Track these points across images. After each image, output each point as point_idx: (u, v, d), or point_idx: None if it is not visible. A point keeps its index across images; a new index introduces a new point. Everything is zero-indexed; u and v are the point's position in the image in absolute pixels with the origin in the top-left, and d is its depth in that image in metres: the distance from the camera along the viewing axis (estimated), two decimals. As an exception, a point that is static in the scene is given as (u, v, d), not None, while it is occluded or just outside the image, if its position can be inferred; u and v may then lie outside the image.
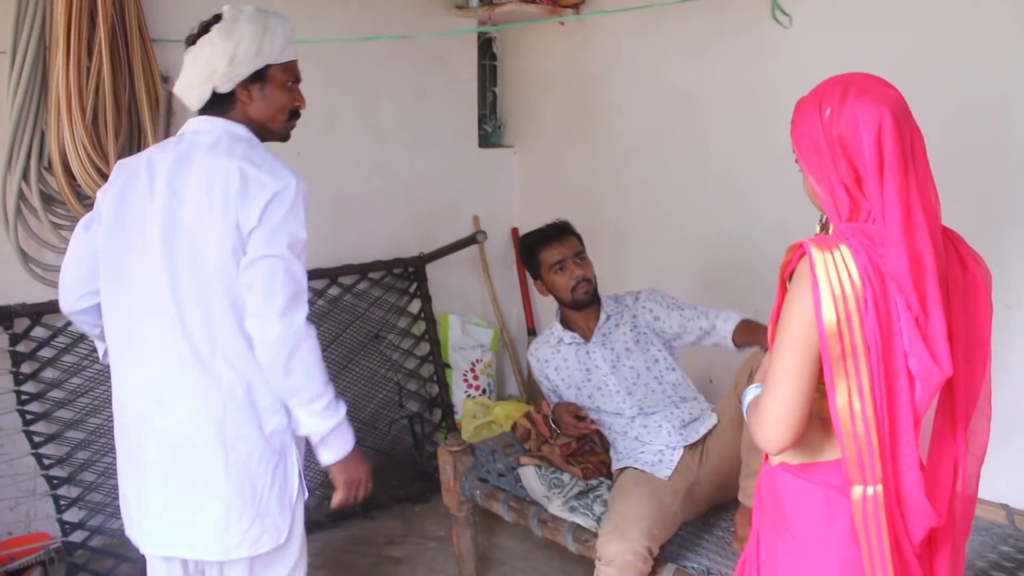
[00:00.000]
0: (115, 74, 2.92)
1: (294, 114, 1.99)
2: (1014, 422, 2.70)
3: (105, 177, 2.91)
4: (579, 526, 2.60)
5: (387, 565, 3.33)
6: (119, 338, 1.91)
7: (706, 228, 3.63)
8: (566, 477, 2.84)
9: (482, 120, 4.46)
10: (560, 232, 2.96)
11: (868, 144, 1.34)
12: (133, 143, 3.05)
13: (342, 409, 1.88)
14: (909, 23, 2.84)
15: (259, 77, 1.88)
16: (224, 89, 1.86)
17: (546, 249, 2.92)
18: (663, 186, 3.78)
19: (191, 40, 1.92)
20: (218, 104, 1.89)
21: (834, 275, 1.33)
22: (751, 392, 1.54)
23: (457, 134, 4.30)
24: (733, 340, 2.72)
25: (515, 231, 4.49)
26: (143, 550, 1.94)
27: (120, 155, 2.96)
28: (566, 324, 2.98)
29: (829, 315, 1.32)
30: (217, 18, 1.90)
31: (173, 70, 3.23)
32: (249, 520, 1.84)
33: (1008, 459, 2.68)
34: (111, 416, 3.11)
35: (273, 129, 1.96)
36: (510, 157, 4.51)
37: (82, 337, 3.11)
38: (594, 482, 2.84)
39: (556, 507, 2.71)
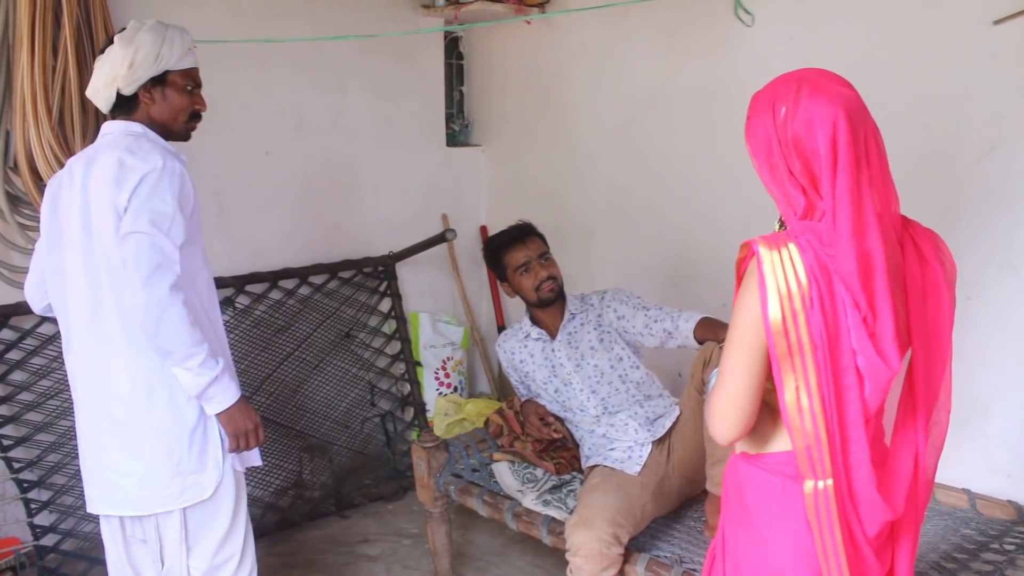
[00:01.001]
0: (81, 74, 2.88)
1: (194, 116, 2.21)
2: (973, 410, 2.77)
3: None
4: (553, 519, 2.63)
5: (362, 563, 3.34)
6: (63, 327, 2.16)
7: (672, 225, 3.68)
8: (539, 472, 2.87)
9: (449, 119, 4.47)
10: (523, 234, 2.99)
11: (823, 145, 1.34)
12: (100, 143, 3.04)
13: (217, 365, 2.02)
14: (868, 20, 2.91)
15: (159, 81, 2.11)
16: (127, 91, 2.09)
17: (510, 252, 2.94)
18: (629, 183, 3.82)
19: (102, 50, 2.14)
20: (124, 106, 2.12)
21: (780, 273, 1.35)
22: (713, 377, 1.58)
23: (425, 133, 4.31)
24: (695, 337, 2.76)
25: (484, 229, 4.51)
26: (88, 509, 2.19)
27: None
28: (534, 320, 3.02)
29: (775, 312, 1.34)
30: (123, 30, 2.13)
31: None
32: (169, 478, 2.06)
33: (969, 446, 2.76)
34: (81, 418, 3.12)
35: (174, 129, 2.18)
36: (478, 156, 4.53)
37: (51, 339, 3.08)
38: (567, 476, 2.88)
39: (530, 501, 2.74)
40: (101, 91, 2.11)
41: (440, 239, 4.07)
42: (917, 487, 1.51)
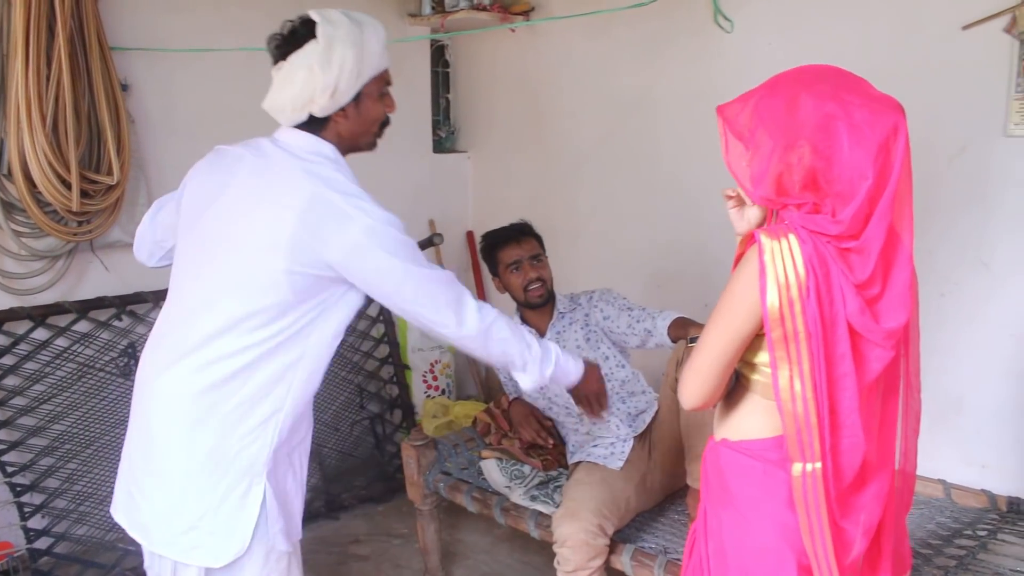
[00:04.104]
0: (74, 82, 2.94)
1: (384, 124, 1.95)
2: (949, 403, 2.85)
3: (66, 184, 2.95)
4: (541, 513, 2.69)
5: (353, 563, 3.38)
6: (162, 314, 1.90)
7: (657, 228, 3.75)
8: (527, 469, 2.93)
9: (436, 126, 4.54)
10: (519, 233, 3.04)
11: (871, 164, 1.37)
12: (93, 151, 3.07)
13: (551, 353, 2.03)
14: (842, 27, 3.00)
15: (355, 97, 1.83)
16: (322, 115, 1.81)
17: (504, 249, 3.01)
18: (614, 188, 3.90)
19: (279, 49, 1.83)
20: (309, 123, 1.83)
21: (779, 263, 1.39)
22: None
23: (412, 140, 4.37)
24: (669, 336, 2.82)
25: (470, 234, 4.57)
26: (111, 511, 1.95)
27: (81, 163, 2.99)
28: (523, 319, 3.08)
29: (772, 300, 1.39)
30: (306, 25, 1.80)
31: (132, 78, 3.30)
32: (184, 527, 1.77)
33: (944, 438, 2.84)
34: (74, 422, 3.16)
35: (362, 144, 1.93)
36: (464, 162, 4.59)
37: (44, 344, 3.12)
38: (554, 473, 2.94)
39: (518, 497, 2.79)
40: (287, 112, 1.82)
41: (427, 244, 4.13)
42: (903, 476, 1.59)
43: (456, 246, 4.54)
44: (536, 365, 1.99)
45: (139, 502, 1.83)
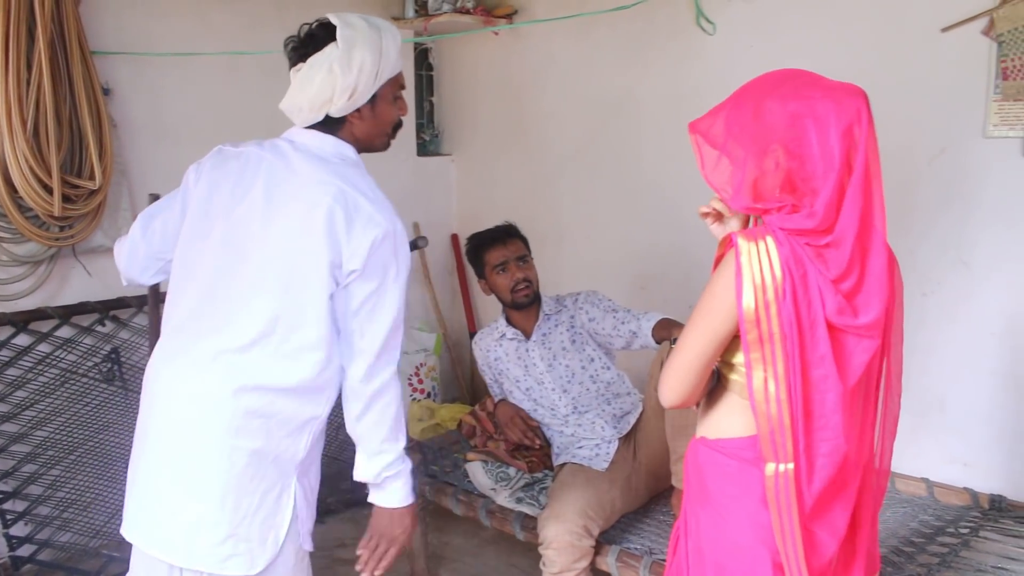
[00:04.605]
0: (55, 87, 2.92)
1: (397, 126, 1.96)
2: (932, 402, 2.88)
3: (48, 189, 2.93)
4: (526, 515, 2.69)
5: (339, 567, 3.36)
6: (168, 320, 1.86)
7: (640, 230, 3.77)
8: (512, 471, 2.93)
9: (420, 129, 4.54)
10: (506, 235, 3.06)
11: (836, 144, 1.39)
12: (75, 155, 3.06)
13: (408, 460, 1.91)
14: (822, 29, 3.02)
15: (370, 99, 1.84)
16: (338, 115, 1.82)
17: (491, 250, 3.01)
18: (598, 190, 3.91)
19: (296, 51, 1.86)
20: (325, 123, 1.84)
21: (756, 265, 1.41)
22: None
23: (396, 143, 4.28)
24: (653, 337, 2.84)
25: (455, 237, 4.57)
26: (123, 531, 1.84)
27: (62, 168, 2.97)
28: (509, 321, 3.09)
29: (748, 302, 1.40)
30: (325, 28, 1.82)
31: (114, 82, 3.28)
32: (221, 537, 1.73)
33: (926, 436, 2.86)
34: (57, 428, 3.14)
35: (376, 145, 1.92)
36: (448, 165, 4.59)
37: (26, 350, 3.10)
38: (539, 475, 2.94)
39: (503, 499, 2.80)
40: (304, 112, 1.83)
41: (412, 247, 4.09)
42: (878, 475, 1.60)
43: (441, 249, 4.55)
44: (391, 457, 1.86)
45: (161, 517, 1.76)
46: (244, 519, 1.73)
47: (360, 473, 1.90)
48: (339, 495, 3.81)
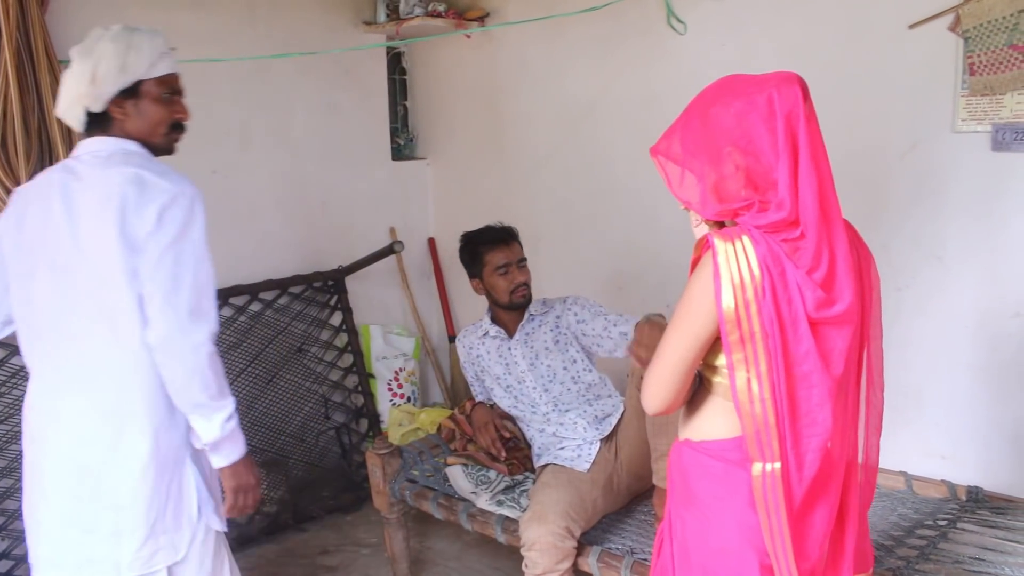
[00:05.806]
0: (22, 96, 2.89)
1: (176, 126, 1.99)
2: (908, 396, 2.90)
3: (17, 200, 2.90)
4: (507, 518, 2.69)
5: (321, 574, 3.36)
6: (30, 358, 1.94)
7: (615, 231, 3.77)
8: (492, 474, 2.93)
9: (394, 133, 4.53)
10: (509, 236, 3.06)
11: (781, 127, 1.41)
12: (44, 164, 3.01)
13: (235, 417, 1.92)
14: (793, 27, 3.04)
15: (131, 93, 1.89)
16: (95, 108, 1.88)
17: (493, 252, 3.01)
18: (572, 192, 3.91)
19: (68, 63, 1.93)
20: (97, 123, 1.90)
21: (734, 264, 1.41)
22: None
23: (370, 148, 4.35)
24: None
25: (432, 241, 4.56)
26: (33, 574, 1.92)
27: (32, 177, 2.93)
28: (494, 319, 3.08)
29: (728, 302, 1.40)
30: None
31: (82, 91, 3.25)
32: (142, 538, 1.83)
33: (904, 430, 2.88)
34: (32, 442, 3.09)
35: (155, 144, 1.95)
36: (423, 169, 4.58)
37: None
38: (519, 477, 2.94)
39: (484, 502, 2.79)
40: (69, 111, 1.90)
41: (388, 251, 4.12)
42: (865, 471, 1.61)
43: (418, 253, 4.53)
44: (227, 417, 1.88)
45: (81, 537, 1.84)
46: (159, 516, 1.85)
47: (209, 433, 1.91)
48: (320, 502, 3.79)
